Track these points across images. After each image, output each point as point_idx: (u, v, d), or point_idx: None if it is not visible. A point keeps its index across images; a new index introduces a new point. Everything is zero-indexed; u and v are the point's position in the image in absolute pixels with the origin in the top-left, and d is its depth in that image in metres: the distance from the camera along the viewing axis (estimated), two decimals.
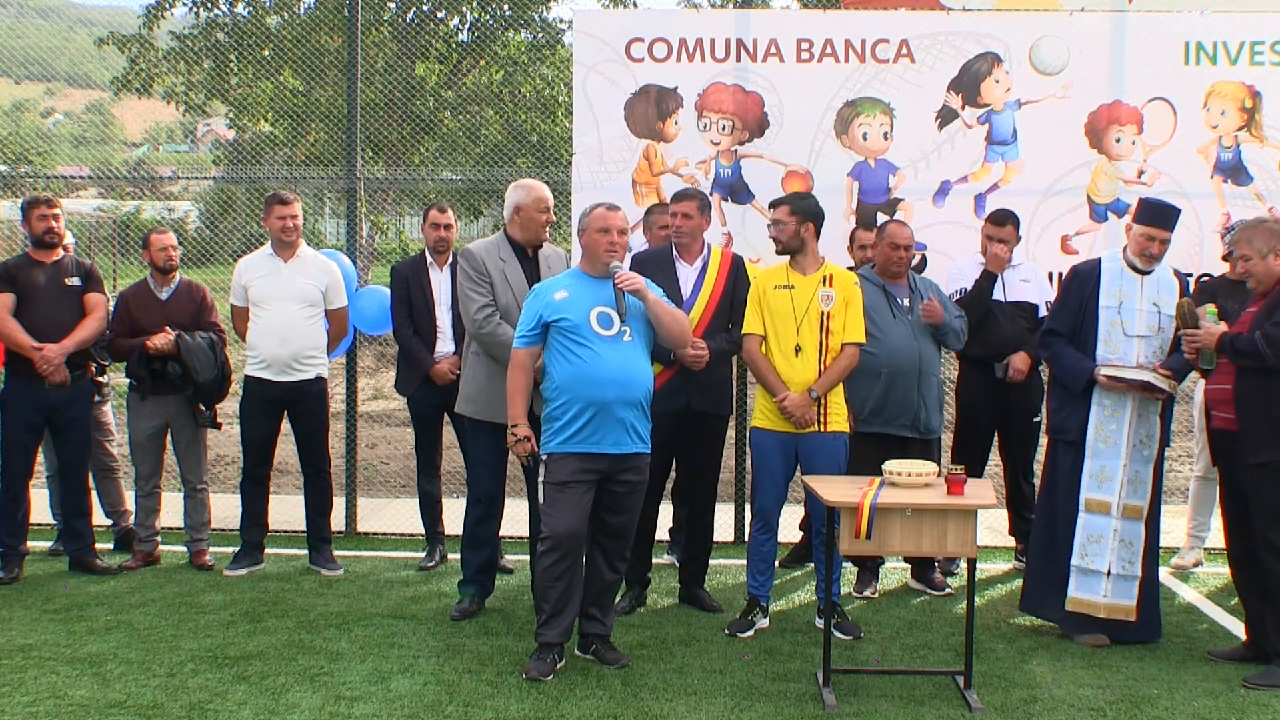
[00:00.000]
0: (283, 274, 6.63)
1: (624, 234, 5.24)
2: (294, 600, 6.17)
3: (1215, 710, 4.80)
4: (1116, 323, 5.56)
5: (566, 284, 5.19)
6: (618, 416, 5.04)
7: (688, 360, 5.76)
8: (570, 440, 5.03)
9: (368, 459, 10.01)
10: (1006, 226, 6.50)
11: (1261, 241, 5.19)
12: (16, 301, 6.35)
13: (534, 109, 15.30)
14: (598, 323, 5.07)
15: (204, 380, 6.55)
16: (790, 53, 7.07)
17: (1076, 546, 5.59)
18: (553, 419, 5.09)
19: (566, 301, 5.09)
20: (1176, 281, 5.67)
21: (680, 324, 5.30)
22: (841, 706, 4.75)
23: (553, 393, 5.10)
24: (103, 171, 13.69)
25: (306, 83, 14.67)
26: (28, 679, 4.99)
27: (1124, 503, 5.55)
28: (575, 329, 5.05)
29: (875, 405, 6.11)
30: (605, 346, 5.04)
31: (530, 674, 5.02)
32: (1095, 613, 5.56)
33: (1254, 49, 6.98)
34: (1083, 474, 5.59)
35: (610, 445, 5.06)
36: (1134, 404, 5.53)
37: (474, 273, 5.70)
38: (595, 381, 5.00)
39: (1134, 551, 5.54)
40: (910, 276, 6.30)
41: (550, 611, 5.10)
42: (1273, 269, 5.19)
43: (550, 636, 5.11)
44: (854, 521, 4.76)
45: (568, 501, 5.04)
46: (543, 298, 5.15)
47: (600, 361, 5.01)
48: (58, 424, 6.52)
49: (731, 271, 5.97)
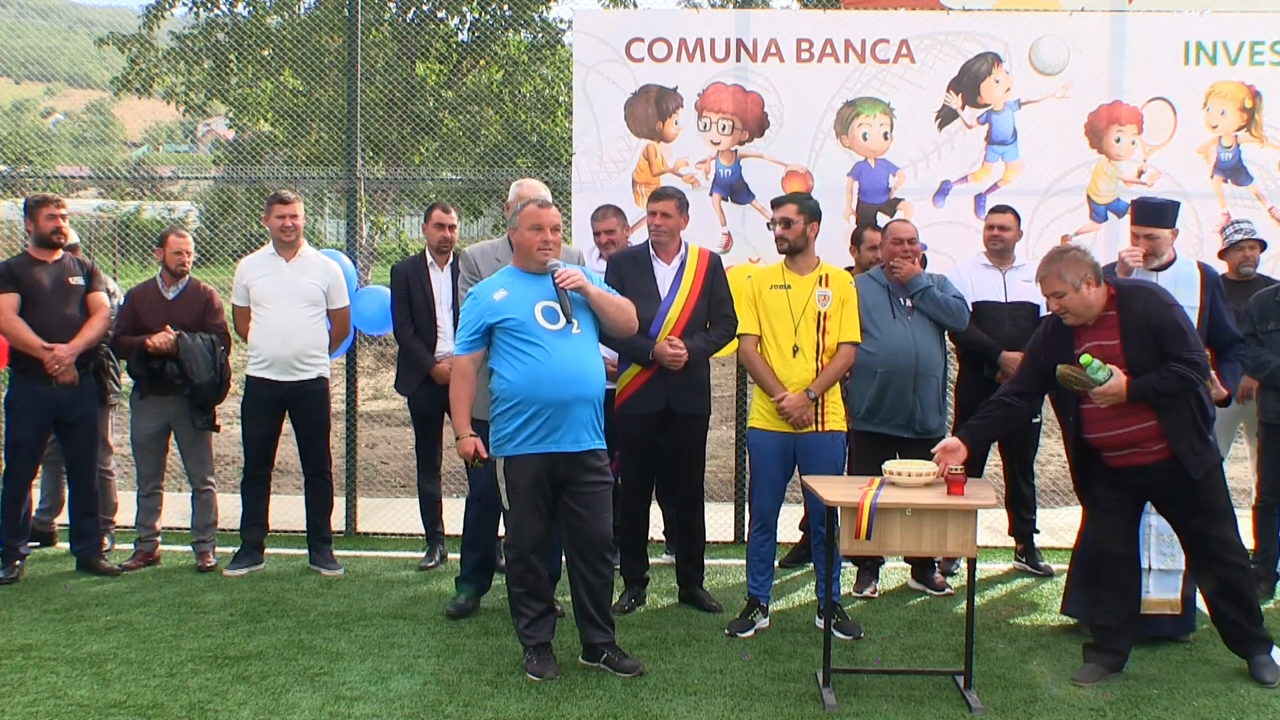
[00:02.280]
0: (284, 274, 6.63)
1: (556, 230, 5.11)
2: (294, 600, 6.17)
3: (1215, 710, 4.80)
4: None
5: (504, 283, 5.06)
6: (575, 414, 4.96)
7: (666, 360, 5.77)
8: (528, 442, 4.94)
9: (368, 459, 10.01)
10: (1007, 214, 6.55)
11: (1072, 274, 4.83)
12: (21, 301, 6.35)
13: (534, 109, 15.29)
14: (543, 318, 4.96)
15: (200, 381, 6.54)
16: (790, 53, 7.08)
17: None
18: (507, 421, 4.96)
19: (507, 301, 4.97)
20: (1198, 272, 5.62)
21: (625, 312, 5.19)
22: (841, 706, 4.75)
23: (506, 394, 4.96)
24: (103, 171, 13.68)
25: (306, 83, 14.65)
26: (28, 679, 4.99)
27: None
28: (521, 327, 4.94)
29: (871, 404, 6.14)
30: (555, 342, 4.95)
31: (545, 674, 4.99)
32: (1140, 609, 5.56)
33: (1254, 49, 6.99)
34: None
35: (569, 443, 4.98)
36: None
37: (469, 275, 5.74)
38: (551, 380, 4.91)
39: (1174, 545, 5.52)
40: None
41: (533, 615, 5.08)
42: (1088, 299, 4.86)
43: (543, 636, 5.09)
44: (854, 521, 4.76)
45: (531, 507, 4.99)
46: (481, 300, 5.02)
47: (552, 359, 4.92)
48: (65, 424, 6.52)
49: (709, 270, 5.97)
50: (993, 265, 6.59)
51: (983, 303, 6.48)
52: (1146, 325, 4.86)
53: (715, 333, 5.92)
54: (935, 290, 6.15)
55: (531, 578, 5.05)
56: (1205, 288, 5.57)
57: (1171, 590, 5.56)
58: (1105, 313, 4.92)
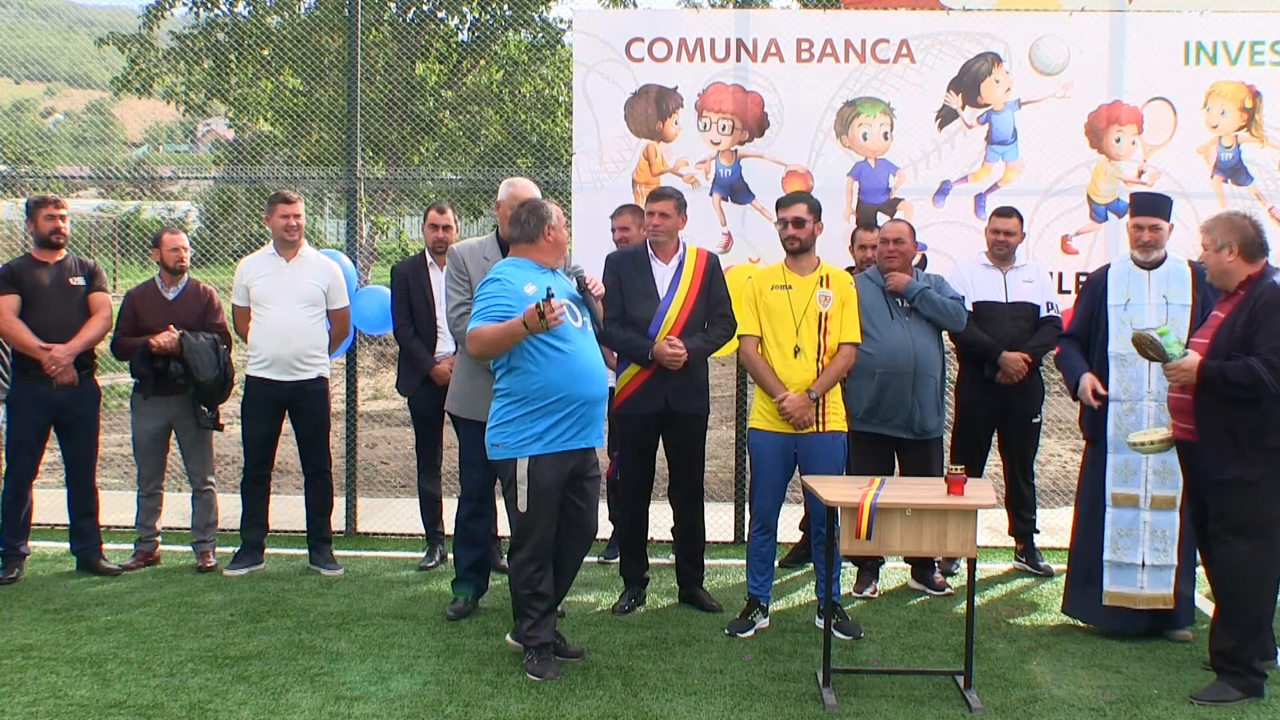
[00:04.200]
0: (285, 274, 6.63)
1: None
2: (294, 600, 6.17)
3: (1215, 710, 4.79)
4: (1125, 319, 5.59)
5: (530, 277, 4.99)
6: (600, 410, 5.05)
7: (665, 360, 5.77)
8: (559, 440, 4.95)
9: (368, 459, 10.01)
10: (1012, 219, 6.54)
11: (1219, 233, 4.93)
12: (22, 302, 6.36)
13: (534, 109, 15.29)
14: (569, 315, 4.96)
15: (205, 380, 6.54)
16: (790, 53, 7.07)
17: (1107, 541, 5.66)
18: (535, 420, 4.92)
19: (539, 296, 4.83)
20: (1189, 270, 5.63)
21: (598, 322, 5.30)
22: (841, 706, 4.76)
23: (538, 393, 4.91)
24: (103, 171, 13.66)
25: (307, 83, 14.66)
26: (28, 679, 4.99)
27: (1152, 494, 5.60)
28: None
29: (870, 405, 6.15)
30: (581, 340, 5.00)
31: (546, 675, 4.99)
32: (1134, 605, 5.62)
33: (1254, 49, 6.99)
34: (1106, 469, 5.65)
35: (594, 438, 5.07)
36: (1150, 398, 5.56)
37: (454, 271, 5.72)
38: (586, 377, 4.96)
39: (1167, 540, 5.59)
40: (915, 274, 6.30)
41: (537, 616, 5.07)
42: (1223, 264, 4.92)
43: (545, 636, 5.09)
44: (854, 521, 4.76)
45: (548, 509, 5.00)
46: (512, 288, 4.93)
47: (584, 356, 4.98)
48: (64, 424, 6.52)
49: (707, 270, 5.97)
50: (993, 265, 6.59)
51: (983, 303, 6.49)
52: (1253, 314, 4.84)
53: (714, 332, 5.93)
54: (931, 292, 6.15)
55: (539, 579, 5.05)
56: (1197, 286, 5.59)
57: (1164, 585, 5.60)
58: (1238, 290, 4.95)
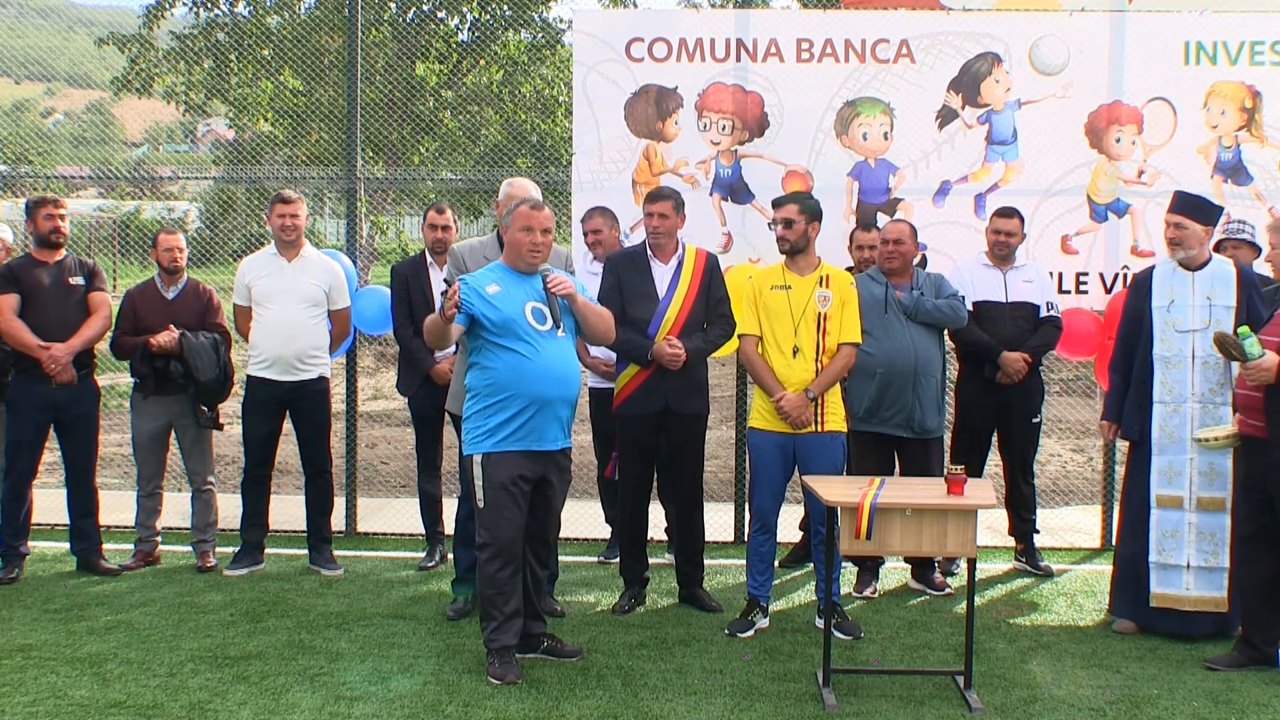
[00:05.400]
0: (286, 273, 6.64)
1: (548, 233, 5.10)
2: (294, 600, 6.17)
3: (1215, 711, 4.80)
4: (1169, 321, 5.61)
5: (495, 278, 5.09)
6: (556, 412, 5.03)
7: (665, 360, 5.77)
8: (509, 439, 4.97)
9: (368, 459, 10.01)
10: (1013, 219, 6.54)
11: None
12: (21, 302, 6.36)
13: (534, 109, 15.30)
14: (533, 318, 5.00)
15: (205, 379, 6.54)
16: (790, 53, 7.07)
17: (1153, 543, 5.66)
18: (487, 416, 4.99)
19: (499, 296, 4.99)
20: (1234, 272, 5.64)
21: (605, 321, 5.26)
22: (841, 706, 4.75)
23: (487, 389, 4.99)
24: (103, 171, 13.66)
25: (307, 83, 14.66)
26: (28, 679, 4.99)
27: (1197, 495, 5.59)
28: (511, 323, 4.95)
29: (870, 405, 6.15)
30: (543, 342, 4.99)
31: (507, 678, 4.95)
32: (1181, 606, 5.61)
33: (1254, 49, 6.99)
34: (1151, 472, 5.65)
35: (550, 441, 5.05)
36: (1194, 399, 5.57)
37: (454, 271, 5.74)
38: (538, 378, 4.96)
39: (1217, 543, 5.58)
40: (915, 274, 6.31)
41: (501, 618, 5.03)
42: None
43: (507, 639, 5.04)
44: (854, 521, 4.76)
45: (509, 504, 4.99)
46: (475, 290, 5.01)
47: (540, 358, 4.97)
48: (64, 423, 6.52)
49: (707, 270, 5.97)
50: (993, 265, 6.59)
51: (983, 302, 6.49)
52: None
53: (713, 332, 5.93)
54: (926, 302, 6.16)
55: (504, 578, 5.02)
56: (1242, 287, 5.60)
57: (1216, 588, 5.59)
58: None
